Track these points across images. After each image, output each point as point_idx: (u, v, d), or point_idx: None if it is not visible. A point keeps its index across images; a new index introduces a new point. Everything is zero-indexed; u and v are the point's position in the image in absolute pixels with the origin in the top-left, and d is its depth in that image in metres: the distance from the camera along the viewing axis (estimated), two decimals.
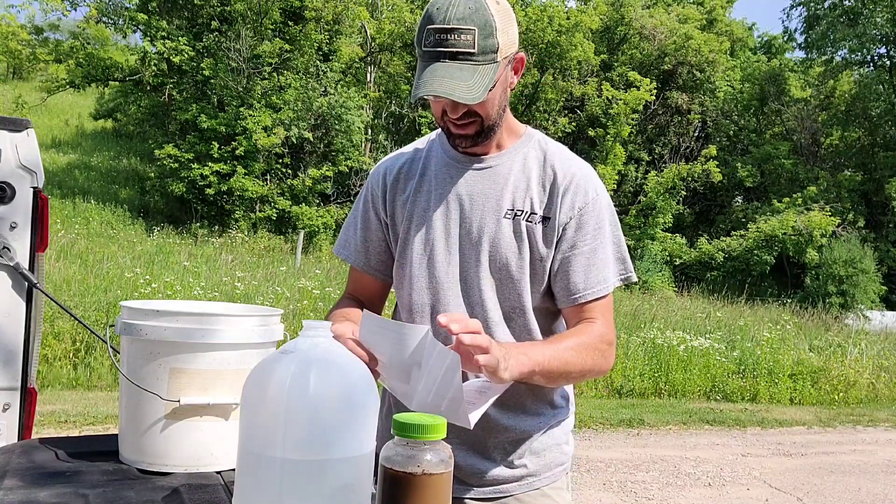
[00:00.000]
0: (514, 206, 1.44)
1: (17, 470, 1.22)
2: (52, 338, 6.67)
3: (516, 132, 1.50)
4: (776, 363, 9.16)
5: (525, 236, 1.42)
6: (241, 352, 1.28)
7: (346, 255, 1.58)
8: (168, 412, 1.25)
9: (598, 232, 1.44)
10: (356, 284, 1.59)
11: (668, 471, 5.46)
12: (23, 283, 1.84)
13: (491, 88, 1.31)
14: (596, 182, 1.48)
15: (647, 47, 25.89)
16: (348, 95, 19.88)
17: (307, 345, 0.86)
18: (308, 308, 8.40)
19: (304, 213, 18.97)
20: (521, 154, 1.48)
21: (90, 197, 18.48)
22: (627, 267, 1.49)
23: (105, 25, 22.16)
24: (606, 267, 1.44)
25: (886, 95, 25.29)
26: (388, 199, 1.52)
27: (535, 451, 1.50)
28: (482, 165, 1.47)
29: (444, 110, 1.38)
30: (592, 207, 1.44)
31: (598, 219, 1.44)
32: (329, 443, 0.82)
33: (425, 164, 1.52)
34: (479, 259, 1.43)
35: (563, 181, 1.44)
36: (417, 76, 1.32)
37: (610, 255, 1.45)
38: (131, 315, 1.28)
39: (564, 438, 1.56)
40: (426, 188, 1.49)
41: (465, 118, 1.37)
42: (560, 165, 1.46)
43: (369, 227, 1.55)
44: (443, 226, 1.46)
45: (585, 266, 1.43)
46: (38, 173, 1.86)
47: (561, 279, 1.44)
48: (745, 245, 22.15)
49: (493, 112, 1.39)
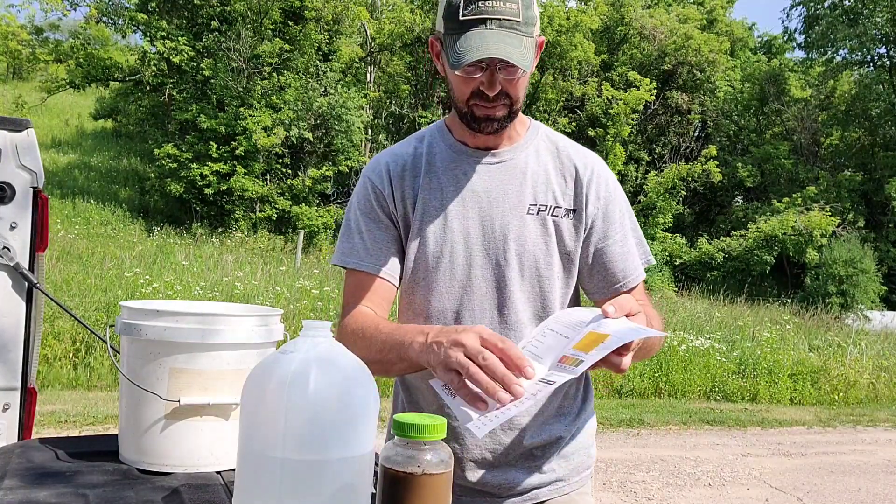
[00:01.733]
0: (536, 201, 1.38)
1: (16, 470, 1.22)
2: (52, 338, 6.67)
3: (524, 123, 1.46)
4: (776, 363, 9.16)
5: (552, 232, 1.38)
6: (241, 352, 1.28)
7: (354, 262, 1.41)
8: (168, 412, 1.25)
9: (622, 219, 1.43)
10: (367, 293, 1.40)
11: (668, 471, 5.46)
12: (23, 283, 1.84)
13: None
14: (610, 172, 1.47)
15: (647, 47, 25.89)
16: (348, 95, 19.87)
17: (307, 345, 0.86)
18: (308, 308, 8.40)
19: (304, 213, 18.97)
20: (532, 146, 1.43)
21: (90, 197, 18.48)
22: (646, 249, 1.48)
23: (105, 25, 22.15)
24: (633, 253, 1.44)
25: (886, 95, 25.28)
26: (395, 196, 1.42)
27: (565, 454, 1.46)
28: (496, 159, 1.40)
29: (473, 91, 1.30)
30: (614, 196, 1.43)
31: (621, 207, 1.44)
32: (329, 442, 0.82)
33: (429, 159, 1.43)
34: (507, 258, 1.37)
35: (586, 172, 1.41)
36: (456, 46, 1.24)
37: (631, 241, 1.45)
38: (131, 315, 1.28)
39: (590, 441, 1.52)
40: (436, 184, 1.40)
41: (497, 99, 1.30)
42: (577, 157, 1.43)
43: (379, 226, 1.41)
44: (460, 225, 1.38)
45: (621, 254, 1.41)
46: (38, 173, 1.86)
47: (599, 271, 1.41)
48: (745, 245, 22.15)
49: (522, 95, 1.34)
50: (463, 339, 1.06)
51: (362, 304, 1.39)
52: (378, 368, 1.26)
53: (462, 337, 1.06)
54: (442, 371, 1.08)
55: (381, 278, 1.40)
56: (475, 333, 1.06)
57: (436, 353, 1.10)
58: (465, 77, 1.28)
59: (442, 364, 1.08)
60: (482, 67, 1.26)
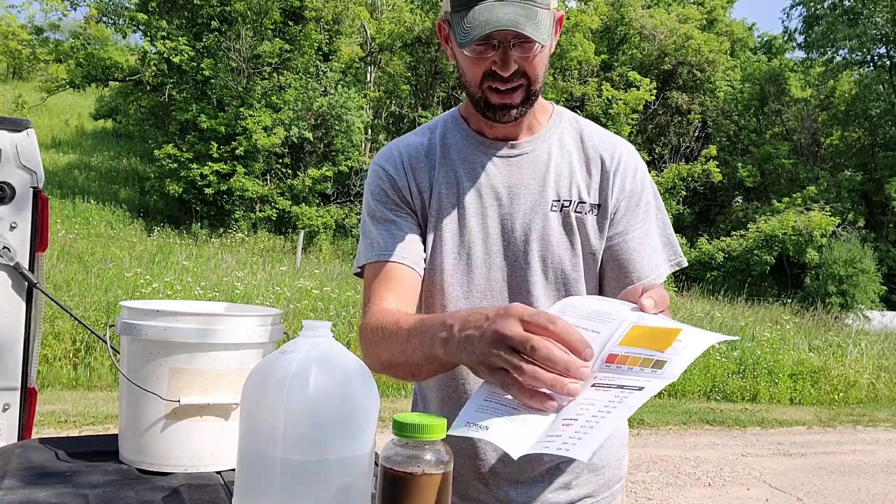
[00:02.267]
0: (559, 196, 1.26)
1: (16, 470, 1.22)
2: (52, 338, 6.67)
3: (546, 110, 1.33)
4: (776, 363, 9.16)
5: (576, 229, 1.25)
6: (241, 352, 1.28)
7: (374, 256, 1.25)
8: (168, 412, 1.25)
9: (647, 214, 1.29)
10: (388, 284, 1.22)
11: (668, 471, 5.46)
12: (23, 283, 1.84)
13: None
14: (640, 159, 1.32)
15: (648, 47, 25.90)
16: (348, 95, 19.88)
17: (307, 345, 0.86)
18: (308, 308, 8.40)
19: (304, 213, 18.98)
20: (556, 135, 1.30)
21: (90, 197, 18.49)
22: (677, 251, 1.33)
23: (105, 25, 22.17)
24: (657, 252, 1.29)
25: (886, 95, 25.29)
26: (411, 187, 1.29)
27: (594, 468, 1.33)
28: (516, 152, 1.28)
29: (486, 72, 1.17)
30: (641, 187, 1.29)
31: (647, 200, 1.30)
32: (329, 443, 0.82)
33: (444, 150, 1.30)
34: (529, 261, 1.25)
35: (612, 163, 1.28)
36: (463, 23, 1.12)
37: (657, 238, 1.30)
38: (131, 315, 1.28)
39: (622, 452, 1.39)
40: (452, 178, 1.28)
41: (513, 80, 1.16)
42: (604, 145, 1.30)
43: (398, 213, 1.28)
44: (479, 224, 1.26)
45: (638, 252, 1.27)
46: (38, 173, 1.86)
47: (611, 269, 1.27)
48: (745, 245, 22.16)
49: (541, 74, 1.20)
50: (503, 328, 0.84)
51: (384, 299, 1.20)
52: (405, 372, 1.11)
53: (501, 325, 0.85)
54: (487, 372, 0.87)
55: (403, 265, 1.23)
56: (514, 317, 0.85)
57: (471, 348, 0.89)
58: (475, 58, 1.16)
59: (483, 363, 0.87)
60: (494, 45, 1.13)
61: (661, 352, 0.85)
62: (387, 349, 1.10)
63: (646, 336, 0.89)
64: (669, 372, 0.82)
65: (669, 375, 0.82)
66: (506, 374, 0.84)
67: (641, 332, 0.90)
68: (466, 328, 0.91)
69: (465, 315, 0.94)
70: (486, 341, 0.86)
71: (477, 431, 0.84)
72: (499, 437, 0.83)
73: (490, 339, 0.85)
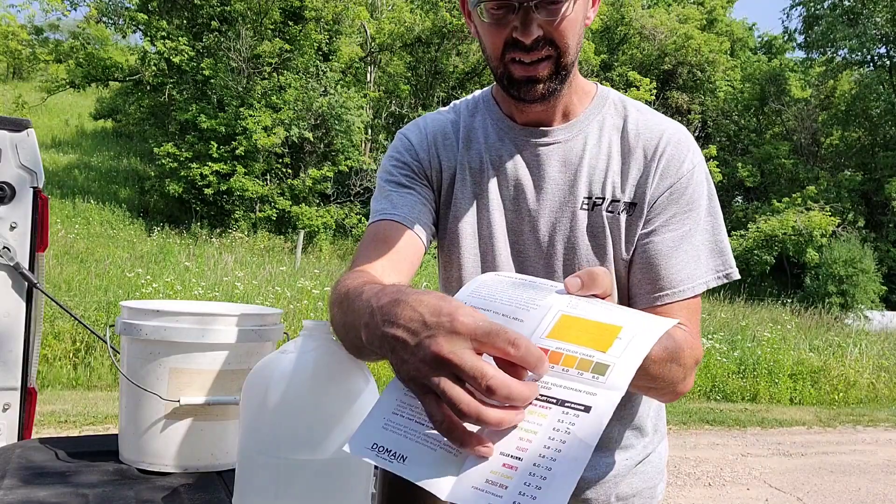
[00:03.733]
0: (591, 193, 1.10)
1: (16, 470, 1.22)
2: (52, 338, 6.68)
3: (587, 93, 1.16)
4: (776, 363, 9.16)
5: (607, 231, 1.09)
6: (241, 352, 1.28)
7: (378, 215, 1.12)
8: (168, 412, 1.25)
9: (690, 214, 1.09)
10: (383, 245, 1.07)
11: (668, 471, 5.46)
12: (23, 283, 1.84)
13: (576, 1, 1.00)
14: (693, 150, 1.12)
15: (648, 47, 25.91)
16: (348, 95, 19.89)
17: (307, 345, 0.86)
18: (308, 308, 8.40)
19: (304, 213, 18.98)
20: (595, 122, 1.14)
21: (90, 197, 18.48)
22: (727, 261, 1.10)
23: (105, 25, 22.16)
24: (698, 259, 1.08)
25: (886, 95, 25.30)
26: (433, 163, 1.17)
27: (623, 496, 1.18)
28: (548, 140, 1.13)
29: (507, 41, 1.02)
30: (687, 181, 1.09)
31: (693, 197, 1.09)
32: (329, 443, 0.82)
33: (470, 133, 1.18)
34: (552, 265, 1.12)
35: (655, 154, 1.10)
36: None
37: (703, 243, 1.09)
38: (131, 315, 1.28)
39: (659, 477, 1.24)
40: (476, 165, 1.16)
41: (539, 48, 1.01)
42: (649, 134, 1.11)
43: (413, 181, 1.16)
44: (501, 221, 1.14)
45: (669, 256, 1.07)
46: (38, 173, 1.86)
47: (638, 272, 1.09)
48: (745, 245, 22.17)
49: (573, 44, 1.04)
50: (448, 353, 0.63)
51: (370, 261, 1.04)
52: (349, 346, 0.87)
53: (446, 347, 0.63)
54: (416, 389, 0.67)
55: (406, 227, 1.09)
56: (464, 337, 0.64)
57: (397, 355, 0.68)
58: (493, 25, 1.02)
59: (414, 380, 0.67)
60: (514, 7, 0.99)
61: (603, 352, 0.69)
62: (338, 314, 0.89)
63: (579, 329, 0.72)
64: (615, 381, 0.66)
65: (616, 386, 0.66)
66: (438, 401, 0.64)
67: (572, 322, 0.73)
68: (393, 323, 0.68)
69: (391, 300, 0.71)
70: (421, 359, 0.65)
71: (390, 462, 0.67)
72: (420, 473, 0.66)
73: (429, 358, 0.64)
